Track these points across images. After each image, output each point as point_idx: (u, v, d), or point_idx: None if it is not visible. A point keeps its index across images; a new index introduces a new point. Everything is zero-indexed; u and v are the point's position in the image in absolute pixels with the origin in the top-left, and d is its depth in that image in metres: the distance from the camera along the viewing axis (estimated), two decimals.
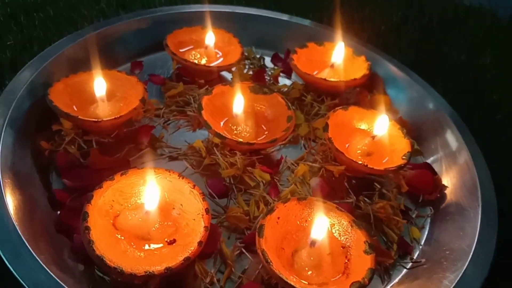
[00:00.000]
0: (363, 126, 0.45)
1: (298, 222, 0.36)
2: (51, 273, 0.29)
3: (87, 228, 0.31)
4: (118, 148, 0.42)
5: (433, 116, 0.49)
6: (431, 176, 0.43)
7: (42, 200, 0.37)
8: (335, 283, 0.32)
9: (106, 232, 0.32)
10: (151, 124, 0.45)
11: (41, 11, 0.58)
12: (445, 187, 0.43)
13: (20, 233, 0.31)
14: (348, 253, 0.34)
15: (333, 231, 0.35)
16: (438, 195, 0.42)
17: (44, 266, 0.29)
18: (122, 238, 0.33)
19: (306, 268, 0.33)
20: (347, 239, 0.35)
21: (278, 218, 0.35)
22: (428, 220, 0.42)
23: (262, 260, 0.31)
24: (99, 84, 0.42)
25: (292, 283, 0.30)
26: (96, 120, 0.39)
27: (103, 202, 0.33)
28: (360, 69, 0.52)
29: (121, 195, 0.34)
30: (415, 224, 0.41)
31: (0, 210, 0.32)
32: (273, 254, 0.32)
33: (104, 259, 0.29)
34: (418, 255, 0.39)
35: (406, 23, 0.68)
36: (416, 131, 0.49)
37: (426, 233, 0.40)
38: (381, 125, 0.43)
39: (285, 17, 0.59)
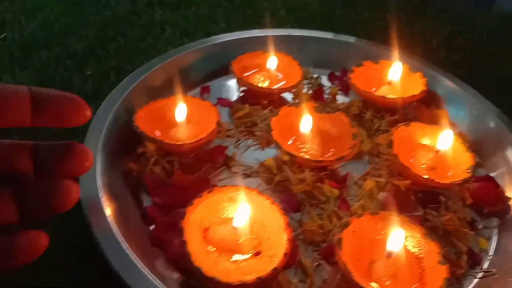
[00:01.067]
0: (426, 141, 0.47)
1: (372, 235, 0.38)
2: (158, 284, 0.33)
3: (184, 242, 0.34)
4: (197, 167, 0.45)
5: (493, 130, 0.50)
6: (495, 188, 0.45)
7: (135, 216, 0.41)
8: None
9: (199, 245, 0.36)
10: (223, 144, 0.48)
11: (114, 42, 0.63)
12: (508, 198, 0.44)
13: (126, 246, 0.35)
14: (422, 264, 0.36)
15: (407, 243, 0.38)
16: (502, 207, 0.44)
17: (150, 275, 0.33)
18: (213, 250, 0.36)
19: (384, 278, 0.35)
20: (420, 251, 0.37)
21: (354, 231, 0.37)
22: (495, 231, 0.43)
23: (344, 271, 0.34)
24: (180, 109, 0.46)
25: None
26: (180, 143, 0.43)
27: (194, 217, 0.37)
28: (417, 85, 0.54)
29: (209, 211, 0.38)
30: (482, 235, 0.42)
31: (105, 226, 0.36)
32: (351, 265, 0.35)
33: (201, 270, 0.33)
34: (487, 265, 0.40)
35: (456, 37, 0.69)
36: (476, 145, 0.50)
37: (494, 243, 0.42)
38: (445, 139, 0.45)
39: (339, 37, 0.62)
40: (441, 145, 0.45)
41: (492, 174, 0.48)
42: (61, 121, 0.26)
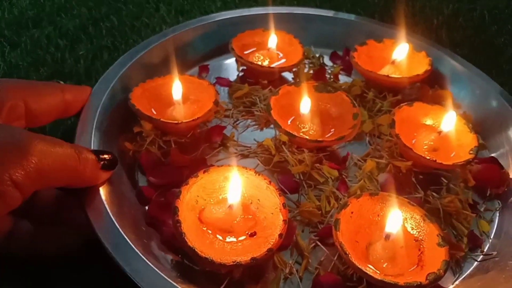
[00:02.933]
0: (429, 121, 0.46)
1: (371, 217, 0.37)
2: (149, 262, 0.32)
3: (179, 222, 0.33)
4: (194, 147, 0.45)
5: (496, 109, 0.49)
6: (498, 170, 0.44)
7: (131, 196, 0.40)
8: (411, 274, 0.34)
9: (193, 225, 0.35)
10: (221, 124, 0.47)
11: (107, 21, 0.62)
12: None
13: (117, 226, 0.34)
14: (421, 246, 0.36)
15: (406, 225, 0.37)
16: (506, 189, 0.43)
17: (141, 255, 0.32)
18: (208, 231, 0.35)
19: (382, 260, 0.34)
20: (420, 233, 0.36)
21: (352, 212, 0.36)
22: (497, 213, 0.42)
23: (341, 252, 0.33)
24: (176, 88, 0.45)
25: (371, 274, 0.31)
26: (176, 122, 0.42)
27: (190, 197, 0.36)
28: (420, 64, 0.52)
29: (204, 191, 0.37)
30: (484, 217, 0.42)
31: (99, 205, 0.35)
32: (349, 247, 0.34)
33: (196, 250, 0.32)
34: (488, 248, 0.39)
35: (458, 16, 0.67)
36: (480, 125, 0.49)
37: (495, 226, 0.41)
38: (448, 120, 0.43)
39: (341, 15, 0.60)
40: (444, 126, 0.44)
41: (494, 154, 0.47)
42: None
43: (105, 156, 0.35)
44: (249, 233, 0.36)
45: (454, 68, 0.54)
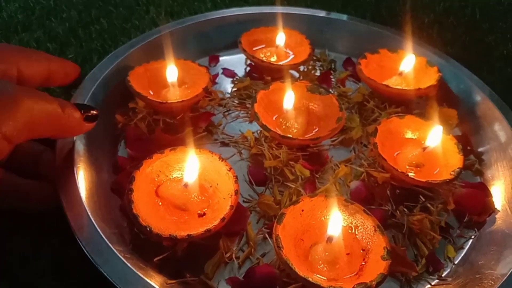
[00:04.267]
0: (417, 136, 0.44)
1: (323, 218, 0.37)
2: (93, 221, 0.34)
3: (131, 190, 0.35)
4: (181, 129, 0.46)
5: (480, 106, 0.48)
6: (483, 198, 0.41)
7: (107, 164, 0.43)
8: (344, 281, 0.33)
9: (147, 196, 0.37)
10: (213, 112, 0.49)
11: (97, 24, 0.63)
12: (497, 211, 0.40)
13: (78, 187, 0.36)
14: (367, 256, 0.35)
15: (356, 232, 0.36)
16: (487, 218, 0.40)
17: (89, 214, 0.34)
18: (161, 204, 0.37)
19: (320, 262, 0.34)
20: (369, 243, 0.35)
21: (302, 210, 0.36)
22: (470, 241, 0.39)
23: (274, 245, 0.33)
24: (171, 71, 0.47)
25: (295, 270, 0.31)
26: (162, 101, 0.44)
27: (151, 170, 0.38)
28: (431, 79, 0.50)
29: (168, 168, 0.39)
30: (454, 242, 0.39)
31: (68, 167, 0.38)
32: (289, 243, 0.34)
33: (138, 218, 0.34)
34: (448, 273, 0.37)
35: (448, 15, 0.66)
36: (464, 122, 0.49)
37: (463, 254, 0.38)
38: (433, 136, 0.42)
39: (363, 22, 0.59)
40: (429, 142, 0.42)
41: (480, 149, 0.47)
42: None
43: (89, 111, 0.37)
44: (200, 213, 0.37)
45: (467, 85, 0.51)
